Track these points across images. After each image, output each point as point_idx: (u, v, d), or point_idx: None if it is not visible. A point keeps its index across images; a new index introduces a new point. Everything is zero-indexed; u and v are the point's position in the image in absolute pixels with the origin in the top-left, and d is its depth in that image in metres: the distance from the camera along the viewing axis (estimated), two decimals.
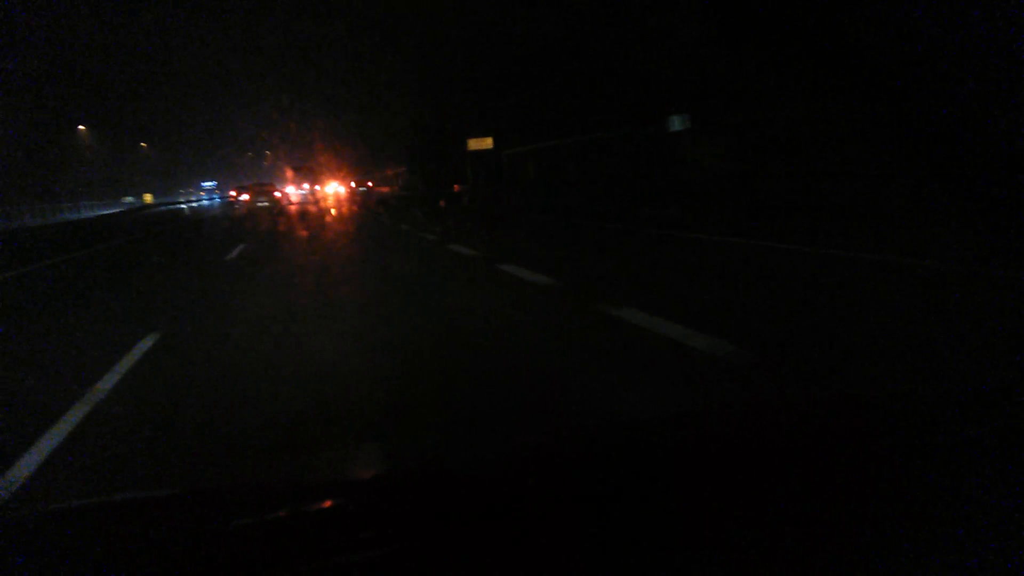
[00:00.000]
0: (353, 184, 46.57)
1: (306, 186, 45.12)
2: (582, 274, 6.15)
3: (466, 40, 27.30)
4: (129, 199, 60.90)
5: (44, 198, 43.31)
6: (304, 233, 14.48)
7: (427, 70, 33.90)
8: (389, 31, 40.54)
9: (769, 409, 1.35)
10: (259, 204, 31.70)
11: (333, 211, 24.39)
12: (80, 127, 56.87)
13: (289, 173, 48.21)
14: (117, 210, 47.30)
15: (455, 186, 25.75)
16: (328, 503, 0.92)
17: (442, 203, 20.56)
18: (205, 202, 62.98)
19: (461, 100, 30.79)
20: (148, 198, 60.17)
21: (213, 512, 0.90)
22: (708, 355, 3.18)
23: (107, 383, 3.49)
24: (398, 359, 3.62)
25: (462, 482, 0.93)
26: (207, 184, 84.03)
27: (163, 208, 48.85)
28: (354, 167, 53.12)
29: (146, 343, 4.33)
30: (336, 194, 41.32)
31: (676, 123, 15.33)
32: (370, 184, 46.92)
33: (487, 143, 28.15)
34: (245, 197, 33.85)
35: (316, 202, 35.36)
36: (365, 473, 1.21)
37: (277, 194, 34.32)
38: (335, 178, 45.32)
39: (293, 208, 29.94)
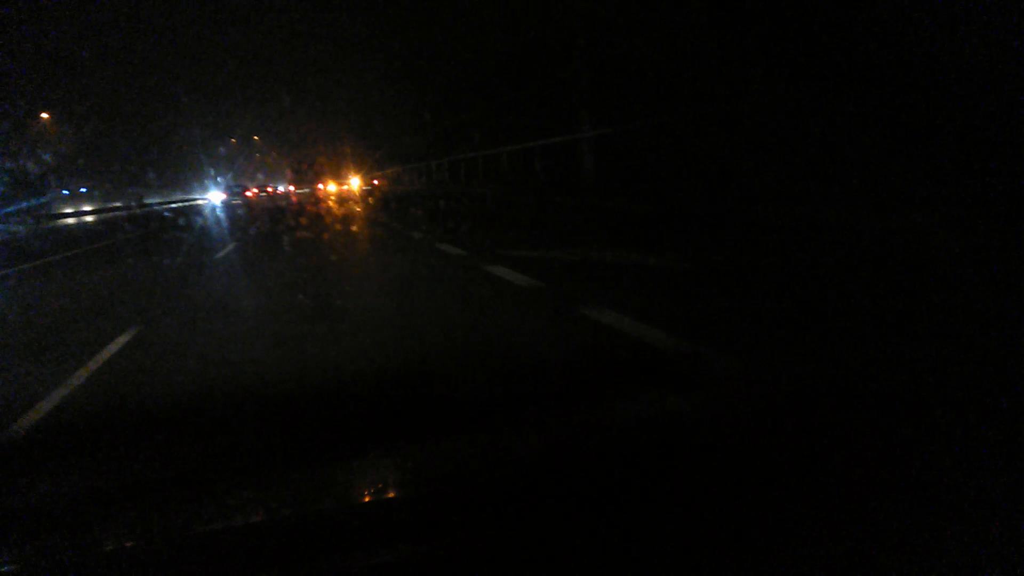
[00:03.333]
0: (353, 184, 46.63)
1: (306, 185, 45.24)
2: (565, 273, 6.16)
3: (465, 41, 27.30)
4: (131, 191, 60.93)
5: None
6: (302, 233, 14.48)
7: (427, 71, 33.93)
8: (389, 31, 40.61)
9: (763, 411, 1.35)
10: (259, 203, 31.80)
11: (332, 210, 24.39)
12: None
13: (289, 173, 48.36)
14: (117, 206, 47.49)
15: (453, 185, 25.81)
16: (324, 507, 0.91)
17: (441, 202, 20.60)
18: (205, 201, 62.97)
19: (460, 100, 30.80)
20: (148, 197, 60.16)
21: (213, 513, 0.89)
22: (707, 354, 3.18)
23: (81, 378, 3.63)
24: (398, 359, 3.62)
25: (461, 484, 0.92)
26: (207, 183, 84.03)
27: (163, 208, 48.87)
28: (354, 167, 53.19)
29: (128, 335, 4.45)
30: (335, 193, 41.33)
31: None
32: (371, 184, 46.99)
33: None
34: (246, 195, 33.97)
35: (315, 201, 35.36)
36: (364, 477, 1.21)
37: (280, 190, 34.43)
38: (335, 177, 45.46)
39: (292, 207, 29.99)
